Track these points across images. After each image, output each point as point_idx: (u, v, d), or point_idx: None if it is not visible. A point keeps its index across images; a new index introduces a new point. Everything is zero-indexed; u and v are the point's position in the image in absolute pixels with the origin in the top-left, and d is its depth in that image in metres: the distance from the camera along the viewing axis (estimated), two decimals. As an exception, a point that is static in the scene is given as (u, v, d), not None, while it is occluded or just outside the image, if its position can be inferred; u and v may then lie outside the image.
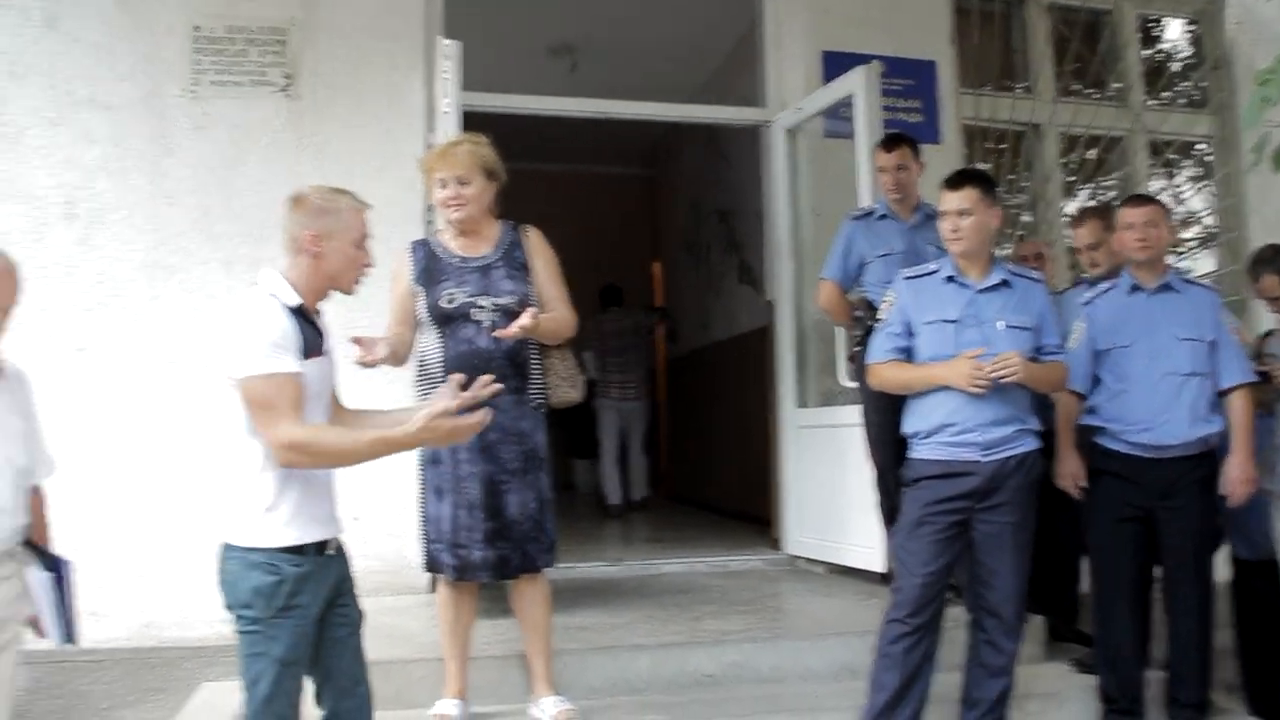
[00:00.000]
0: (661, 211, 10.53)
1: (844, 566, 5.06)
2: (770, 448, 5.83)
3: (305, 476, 2.53)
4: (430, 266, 3.52)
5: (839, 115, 5.31)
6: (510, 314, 3.43)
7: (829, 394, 5.35)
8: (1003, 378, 3.33)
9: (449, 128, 4.43)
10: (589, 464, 9.59)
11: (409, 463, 4.38)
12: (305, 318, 2.57)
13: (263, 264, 4.45)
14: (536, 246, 3.58)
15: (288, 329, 2.49)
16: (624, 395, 8.34)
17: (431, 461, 3.51)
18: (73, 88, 4.83)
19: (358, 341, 3.04)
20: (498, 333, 3.35)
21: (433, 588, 4.70)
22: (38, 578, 2.74)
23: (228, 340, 2.47)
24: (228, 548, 2.54)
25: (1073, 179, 6.33)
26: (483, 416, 2.52)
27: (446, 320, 3.44)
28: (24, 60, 4.84)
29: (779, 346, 5.66)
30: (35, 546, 2.78)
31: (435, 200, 3.54)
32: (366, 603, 2.76)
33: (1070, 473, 3.82)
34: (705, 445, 8.63)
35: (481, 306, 3.42)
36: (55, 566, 2.76)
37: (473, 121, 4.31)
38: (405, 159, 4.92)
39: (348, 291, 2.66)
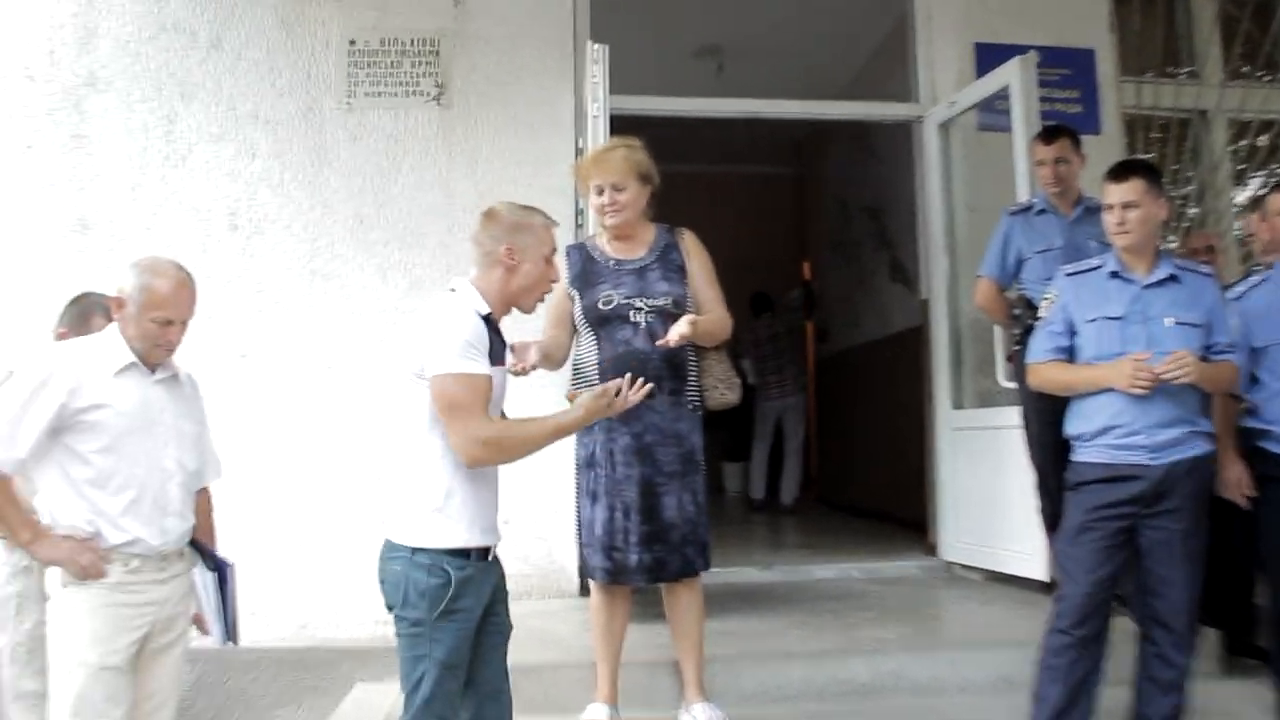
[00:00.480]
0: (810, 210, 10.29)
1: (1003, 573, 4.94)
2: (925, 450, 5.68)
3: (475, 479, 2.55)
4: (586, 269, 3.53)
5: (994, 108, 5.21)
6: (666, 315, 3.43)
7: (986, 395, 5.21)
8: (1175, 379, 3.18)
9: (598, 131, 4.43)
10: (739, 467, 9.54)
11: (560, 465, 4.58)
12: (493, 327, 2.61)
13: (415, 269, 4.77)
14: (692, 248, 3.58)
15: (483, 334, 2.53)
16: (782, 392, 8.34)
17: (587, 465, 3.50)
18: (236, 104, 4.93)
19: (510, 348, 3.00)
20: (659, 342, 3.34)
21: (583, 591, 4.70)
22: (202, 577, 2.83)
23: (424, 340, 2.50)
24: (393, 547, 2.55)
25: (1243, 167, 6.13)
26: (643, 389, 2.59)
27: (603, 322, 3.45)
28: (191, 80, 4.95)
29: (934, 346, 5.50)
30: (201, 546, 2.86)
31: (591, 206, 3.54)
32: (516, 606, 2.76)
33: (1235, 480, 3.60)
34: (855, 447, 8.45)
35: (638, 308, 3.42)
36: (219, 567, 2.85)
37: (621, 124, 4.33)
38: (555, 163, 4.94)
39: (528, 309, 2.70)
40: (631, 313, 3.42)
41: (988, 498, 5.01)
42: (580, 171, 3.58)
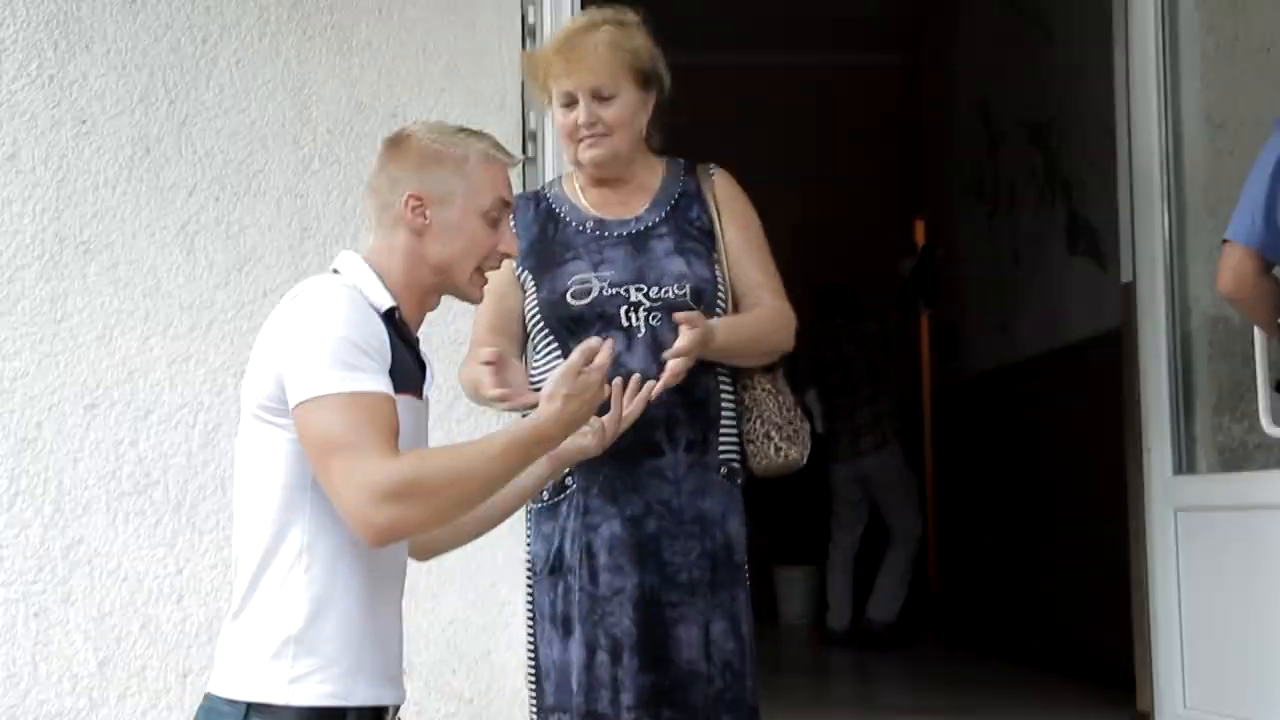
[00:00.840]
0: (928, 127, 9.93)
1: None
2: (1128, 543, 5.34)
3: (363, 589, 2.46)
4: (546, 237, 3.47)
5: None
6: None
7: (1239, 450, 4.89)
8: None
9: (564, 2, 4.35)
10: (805, 573, 9.18)
11: (501, 569, 4.51)
12: (400, 328, 2.52)
13: (246, 234, 4.65)
14: (727, 198, 3.52)
15: (378, 335, 2.44)
16: (869, 444, 8.11)
17: (549, 570, 3.38)
18: None
19: (492, 364, 3.06)
20: (653, 388, 3.13)
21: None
22: None
23: (276, 351, 2.43)
24: (214, 707, 2.48)
25: None
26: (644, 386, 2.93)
27: (574, 325, 3.36)
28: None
29: (1144, 364, 5.06)
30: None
31: (557, 127, 3.49)
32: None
33: None
34: (1003, 540, 8.01)
35: (634, 302, 3.37)
36: None
37: None
38: (488, 52, 4.62)
39: (470, 294, 2.65)
40: (623, 310, 3.36)
41: (1249, 628, 4.59)
42: (535, 66, 3.49)
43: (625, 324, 3.40)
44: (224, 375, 4.36)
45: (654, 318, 3.39)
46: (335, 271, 2.65)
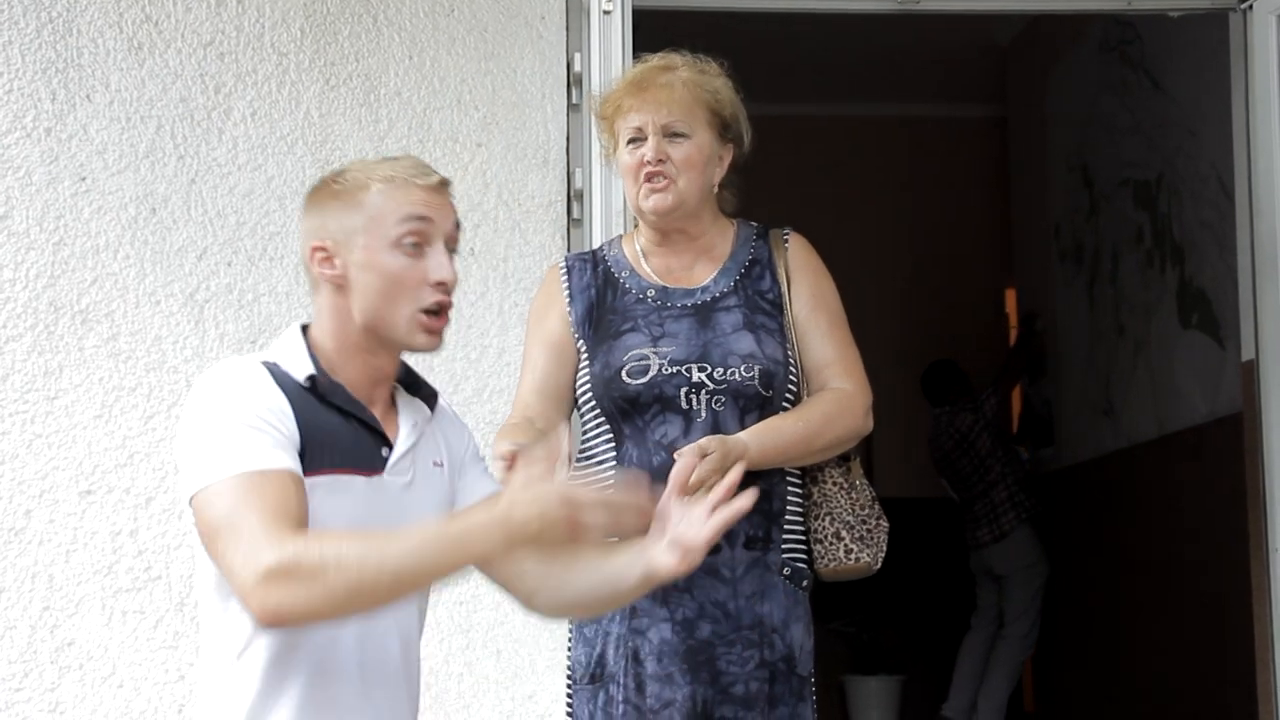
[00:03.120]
0: (1019, 188, 9.79)
1: None
2: (1256, 654, 4.95)
3: (304, 689, 2.44)
4: (605, 304, 3.45)
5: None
6: (752, 399, 3.34)
7: None
8: None
9: (613, 41, 4.39)
10: (886, 684, 8.97)
11: (534, 682, 4.48)
12: (334, 403, 2.49)
13: (261, 302, 4.61)
14: (802, 265, 3.49)
15: (274, 407, 2.43)
16: (995, 532, 8.08)
17: (589, 678, 3.34)
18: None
19: (509, 460, 2.92)
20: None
21: None
22: None
23: (178, 443, 2.47)
24: None
25: None
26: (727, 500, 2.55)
27: (628, 407, 3.34)
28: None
29: (1268, 452, 4.80)
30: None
31: (619, 171, 3.45)
32: None
33: None
34: (1109, 647, 7.80)
35: (696, 384, 3.34)
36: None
37: (658, 30, 4.18)
38: (530, 108, 4.54)
39: (415, 345, 2.53)
40: (683, 391, 3.31)
41: None
42: (605, 104, 3.42)
43: (685, 406, 3.36)
44: (234, 458, 4.13)
45: (717, 401, 3.34)
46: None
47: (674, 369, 3.36)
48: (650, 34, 4.22)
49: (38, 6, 4.58)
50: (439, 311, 2.54)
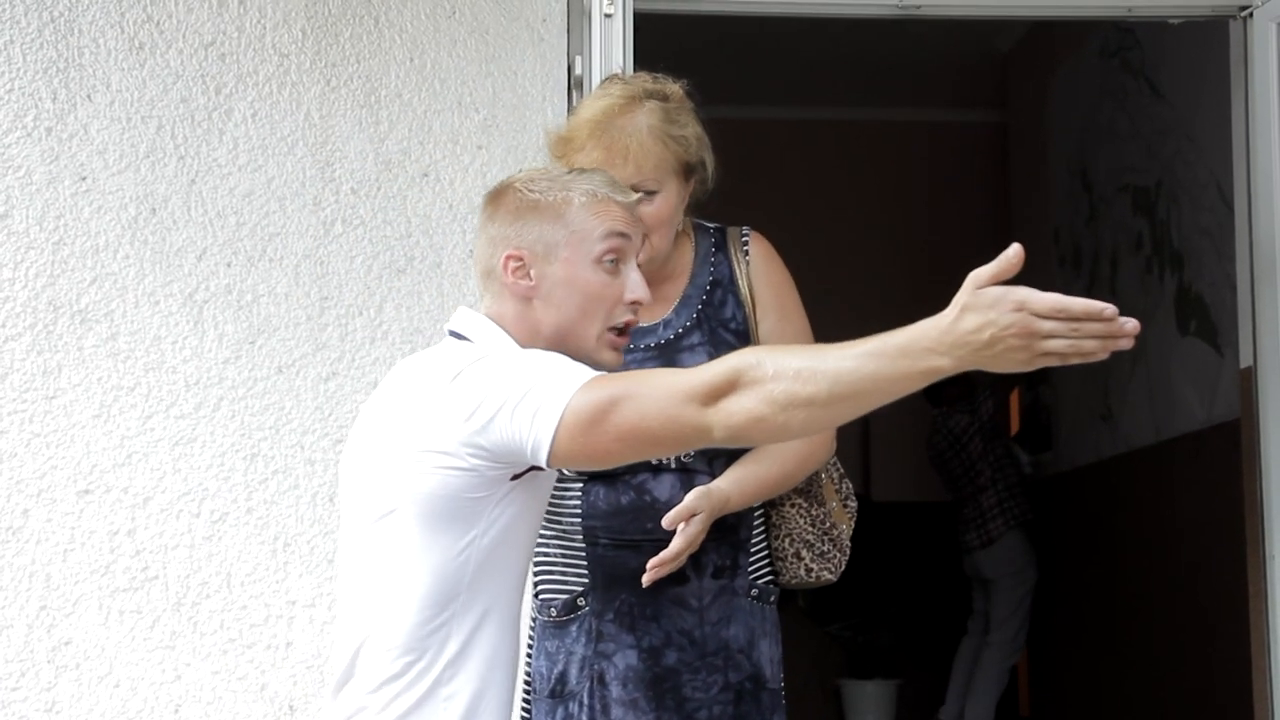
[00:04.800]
0: (1018, 192, 9.90)
1: None
2: (1253, 662, 5.00)
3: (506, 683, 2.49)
4: None
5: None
6: None
7: None
8: None
9: (614, 46, 4.39)
10: (883, 688, 8.92)
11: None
12: None
13: (260, 303, 4.60)
14: (763, 277, 3.49)
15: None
16: (983, 536, 8.16)
17: (549, 692, 3.35)
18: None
19: None
20: (656, 563, 3.18)
21: None
22: None
23: (413, 403, 2.40)
24: None
25: None
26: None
27: None
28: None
29: (1265, 459, 4.83)
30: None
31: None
32: None
33: None
34: (1104, 652, 7.88)
35: None
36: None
37: (657, 31, 4.29)
38: (531, 110, 4.55)
39: (603, 361, 2.53)
40: None
41: None
42: (565, 146, 3.31)
43: None
44: (232, 459, 4.27)
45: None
46: (460, 336, 2.56)
47: None
48: (651, 37, 4.31)
49: (39, 6, 4.65)
50: (625, 329, 2.58)
